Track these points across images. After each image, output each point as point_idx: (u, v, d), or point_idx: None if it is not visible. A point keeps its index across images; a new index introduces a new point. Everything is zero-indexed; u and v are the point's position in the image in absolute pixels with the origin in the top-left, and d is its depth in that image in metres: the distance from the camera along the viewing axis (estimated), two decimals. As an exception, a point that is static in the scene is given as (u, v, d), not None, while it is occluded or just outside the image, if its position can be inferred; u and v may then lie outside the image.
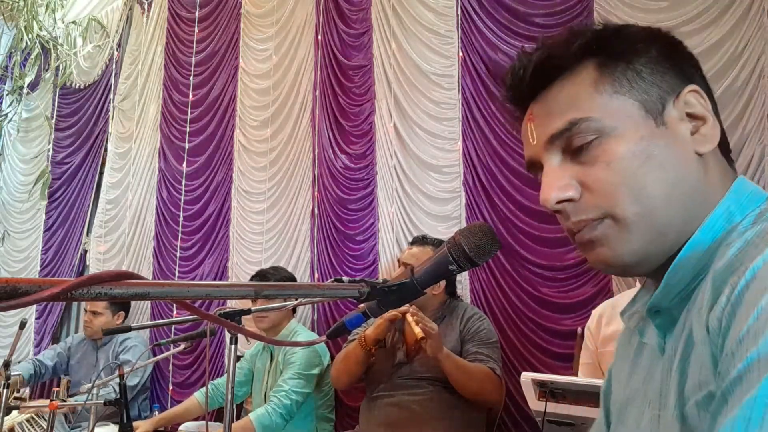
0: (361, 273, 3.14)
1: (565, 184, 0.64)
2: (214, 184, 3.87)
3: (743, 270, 0.52)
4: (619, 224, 0.62)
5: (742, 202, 0.62)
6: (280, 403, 2.52)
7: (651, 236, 0.62)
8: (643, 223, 0.62)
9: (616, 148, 0.62)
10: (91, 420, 2.13)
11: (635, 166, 0.62)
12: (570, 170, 0.65)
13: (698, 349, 0.55)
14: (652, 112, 0.64)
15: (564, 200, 0.64)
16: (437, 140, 3.03)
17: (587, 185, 0.64)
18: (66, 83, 4.83)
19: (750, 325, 0.48)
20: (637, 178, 0.62)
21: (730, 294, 0.52)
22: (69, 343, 3.62)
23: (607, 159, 0.62)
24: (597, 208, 0.63)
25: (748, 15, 2.29)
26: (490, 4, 2.93)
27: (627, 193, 0.62)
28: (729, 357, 0.50)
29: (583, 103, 0.64)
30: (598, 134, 0.63)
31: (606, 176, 0.62)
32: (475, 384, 2.17)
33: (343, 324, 0.76)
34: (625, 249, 0.63)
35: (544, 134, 0.66)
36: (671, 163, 0.62)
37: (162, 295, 0.52)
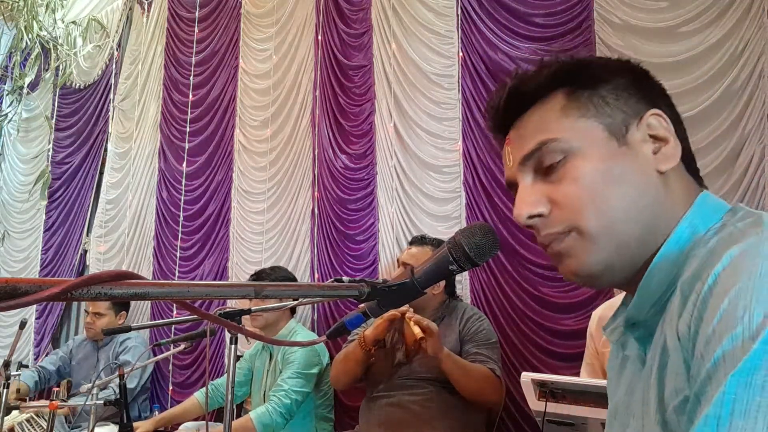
0: (361, 273, 3.14)
1: (536, 200, 0.69)
2: (214, 184, 3.87)
3: (706, 276, 0.55)
4: (583, 236, 0.67)
5: (706, 215, 0.66)
6: (280, 402, 2.52)
7: (613, 247, 0.66)
8: (605, 235, 0.66)
9: (582, 166, 0.67)
10: (91, 420, 2.13)
11: (599, 183, 0.66)
12: (541, 188, 0.69)
13: (672, 357, 0.58)
14: (615, 134, 0.68)
15: (534, 215, 0.69)
16: (437, 140, 3.03)
17: (556, 201, 0.68)
18: (66, 83, 4.83)
19: (715, 326, 0.52)
20: (601, 194, 0.66)
21: (696, 300, 0.55)
22: (70, 345, 3.63)
23: (574, 176, 0.67)
24: (564, 221, 0.67)
25: (748, 15, 2.29)
26: (490, 4, 2.93)
27: (591, 208, 0.66)
28: (699, 359, 0.53)
29: (551, 125, 0.69)
30: (564, 153, 0.68)
31: (572, 192, 0.67)
32: (474, 384, 2.17)
33: (343, 324, 0.76)
34: (590, 259, 0.67)
35: (518, 156, 0.71)
36: (632, 179, 0.67)
37: (162, 295, 0.52)
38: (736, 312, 0.50)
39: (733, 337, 0.50)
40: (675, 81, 2.37)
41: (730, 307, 0.51)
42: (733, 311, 0.51)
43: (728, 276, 0.53)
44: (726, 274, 0.53)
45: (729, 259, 0.54)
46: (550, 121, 0.70)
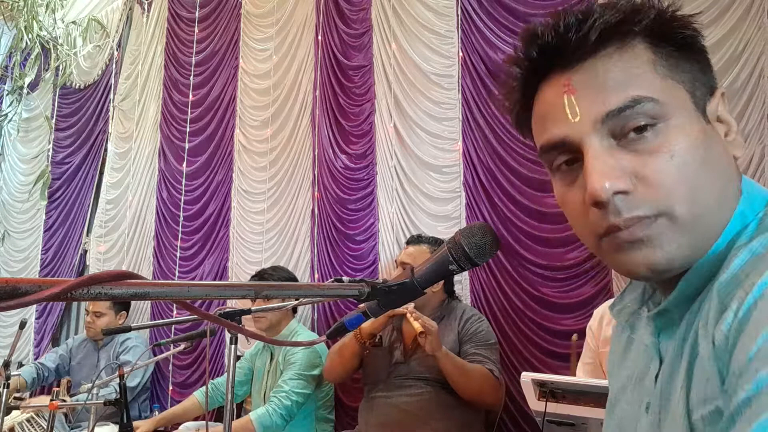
0: (361, 273, 3.14)
1: (621, 173, 0.56)
2: (214, 184, 3.87)
3: (750, 285, 0.49)
4: (675, 224, 0.56)
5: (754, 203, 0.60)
6: (281, 403, 2.52)
7: (701, 239, 0.57)
8: (698, 224, 0.57)
9: (680, 139, 0.56)
10: (91, 420, 2.13)
11: (696, 163, 0.56)
12: (622, 157, 0.57)
13: (704, 362, 0.54)
14: (699, 106, 0.59)
15: (620, 191, 0.56)
16: (437, 140, 3.03)
17: (644, 177, 0.56)
18: (66, 83, 4.83)
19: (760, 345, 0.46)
20: (698, 176, 0.56)
21: (737, 309, 0.50)
22: (70, 344, 3.62)
23: (670, 150, 0.56)
24: (654, 202, 0.56)
25: (748, 15, 2.29)
26: (490, 4, 2.93)
27: (687, 191, 0.56)
28: (737, 376, 0.48)
29: (643, 80, 0.57)
30: (659, 120, 0.56)
31: (667, 169, 0.56)
32: (473, 384, 2.17)
33: (343, 324, 0.76)
34: (678, 252, 0.57)
35: (596, 111, 0.57)
36: (722, 164, 0.59)
37: (162, 295, 0.52)
38: None
39: None
40: (675, 81, 2.37)
41: None
42: None
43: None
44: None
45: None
46: (641, 73, 0.57)
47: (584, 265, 2.54)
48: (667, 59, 0.59)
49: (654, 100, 0.56)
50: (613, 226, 0.57)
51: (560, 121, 0.60)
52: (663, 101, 0.57)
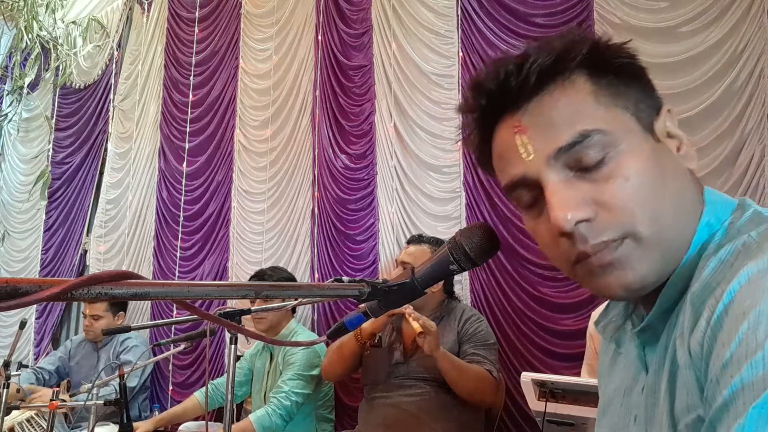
0: (362, 273, 3.14)
1: (581, 202, 0.58)
2: (214, 184, 3.87)
3: (720, 292, 0.51)
4: (640, 244, 0.58)
5: (718, 212, 0.62)
6: (280, 404, 2.52)
7: (668, 254, 0.59)
8: (662, 241, 0.59)
9: (632, 162, 0.59)
10: (91, 420, 2.13)
11: (652, 182, 0.59)
12: (582, 188, 0.59)
13: (683, 372, 0.55)
14: (646, 126, 0.61)
15: (582, 220, 0.58)
16: (437, 140, 3.03)
17: (604, 203, 0.58)
18: (66, 83, 4.84)
19: (733, 351, 0.48)
20: (653, 195, 0.59)
21: (709, 317, 0.52)
22: (69, 346, 3.61)
23: (624, 174, 0.58)
24: (617, 226, 0.58)
25: (748, 15, 2.29)
26: (490, 4, 2.93)
27: (646, 210, 0.58)
28: (714, 383, 0.50)
29: (587, 114, 0.60)
30: (610, 147, 0.59)
31: (624, 193, 0.58)
32: (471, 384, 2.17)
33: (343, 324, 0.76)
34: (648, 270, 0.59)
35: (548, 147, 0.60)
36: (677, 178, 0.61)
37: (162, 295, 0.52)
38: (756, 337, 0.47)
39: (753, 365, 0.46)
40: (675, 81, 2.38)
41: (749, 331, 0.47)
42: (753, 336, 0.47)
43: (746, 296, 0.49)
44: (744, 294, 0.49)
45: (747, 277, 0.50)
46: (584, 107, 0.60)
47: (584, 265, 2.54)
48: (608, 88, 0.61)
49: (601, 131, 0.59)
50: (582, 254, 0.59)
51: (516, 160, 0.62)
52: (609, 130, 0.59)
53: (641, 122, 0.61)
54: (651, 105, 0.63)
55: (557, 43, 0.62)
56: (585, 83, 0.61)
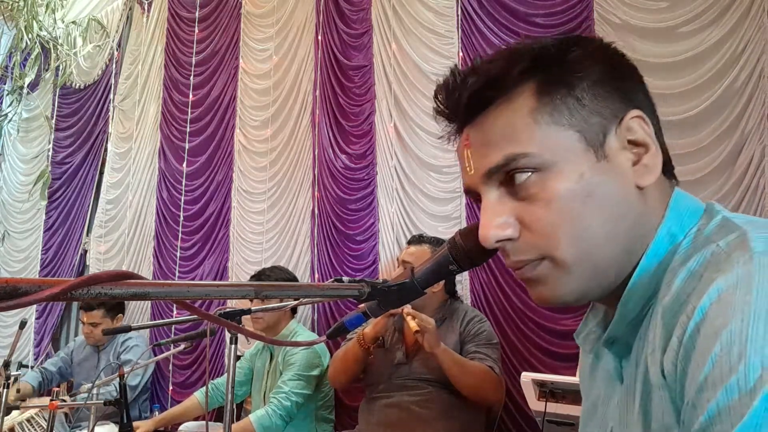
0: (362, 273, 3.14)
1: (503, 222, 0.61)
2: (214, 184, 3.87)
3: (691, 309, 0.51)
4: (557, 266, 0.60)
5: (683, 220, 0.61)
6: (280, 404, 2.52)
7: (590, 275, 0.60)
8: (582, 264, 0.60)
9: (556, 186, 0.59)
10: (91, 420, 2.13)
11: (575, 207, 0.59)
12: (508, 206, 0.61)
13: (657, 392, 0.55)
14: (592, 144, 0.60)
15: (503, 239, 0.61)
16: (437, 140, 3.01)
17: (526, 224, 0.61)
18: (66, 83, 4.84)
19: (707, 374, 0.47)
20: (577, 219, 0.59)
21: (681, 336, 0.51)
22: (71, 347, 3.62)
23: (547, 198, 0.59)
24: (535, 248, 0.60)
25: (748, 15, 2.29)
26: (490, 4, 2.93)
27: (567, 235, 0.59)
28: (690, 408, 0.49)
29: (520, 135, 0.60)
30: (536, 169, 0.59)
31: (545, 216, 0.59)
32: (473, 381, 2.17)
33: (343, 324, 0.76)
34: (565, 290, 0.61)
35: (482, 167, 0.62)
36: (612, 200, 0.60)
37: (162, 295, 0.52)
38: (729, 359, 0.46)
39: (728, 389, 0.45)
40: (675, 81, 2.37)
41: (723, 352, 0.47)
42: (726, 358, 0.46)
43: (717, 313, 0.48)
44: (715, 311, 0.49)
45: (717, 293, 0.49)
46: (518, 127, 0.60)
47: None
48: (551, 104, 0.60)
49: (528, 155, 0.59)
50: (509, 266, 0.64)
51: (464, 172, 0.65)
52: (537, 153, 0.59)
53: (587, 138, 0.60)
54: (609, 115, 0.61)
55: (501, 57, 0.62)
56: (528, 99, 0.61)
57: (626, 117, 0.61)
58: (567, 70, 0.61)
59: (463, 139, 0.65)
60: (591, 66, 0.61)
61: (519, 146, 0.60)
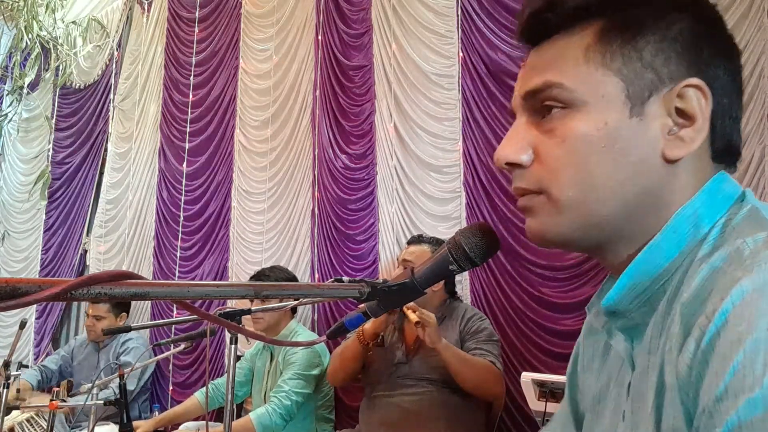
0: (362, 273, 3.14)
1: (520, 147, 0.62)
2: (215, 184, 3.87)
3: (711, 311, 0.48)
4: (552, 203, 0.60)
5: (714, 201, 0.57)
6: (281, 403, 2.52)
7: (581, 224, 0.60)
8: (576, 209, 0.59)
9: (576, 125, 0.58)
10: (91, 420, 2.13)
11: (588, 151, 0.58)
12: (531, 134, 0.62)
13: (669, 394, 0.52)
14: (632, 99, 0.58)
15: (513, 163, 0.62)
16: (437, 140, 3.03)
17: (539, 155, 0.61)
18: (66, 83, 4.84)
19: (727, 383, 0.44)
20: (584, 164, 0.58)
21: (699, 338, 0.48)
22: (72, 345, 3.63)
23: (564, 135, 0.59)
24: (538, 181, 0.61)
25: (748, 15, 2.29)
26: (490, 4, 2.93)
27: (569, 176, 0.59)
28: (707, 416, 0.46)
29: (564, 65, 0.59)
30: (566, 104, 0.59)
31: (556, 152, 0.59)
32: (474, 375, 2.17)
33: (343, 324, 0.76)
34: (552, 229, 0.61)
35: (523, 87, 0.63)
36: (629, 158, 0.58)
37: (162, 295, 0.52)
38: (753, 370, 0.43)
39: (752, 403, 0.42)
40: (675, 81, 2.37)
41: (746, 362, 0.44)
42: (750, 368, 0.43)
43: (740, 319, 0.45)
44: (737, 316, 0.46)
45: (741, 296, 0.46)
46: (566, 58, 0.59)
47: (584, 265, 2.54)
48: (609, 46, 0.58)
49: (562, 86, 0.59)
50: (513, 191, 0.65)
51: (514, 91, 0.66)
52: (573, 88, 0.59)
53: (630, 92, 0.58)
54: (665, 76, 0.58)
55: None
56: (589, 36, 0.59)
57: (680, 83, 0.58)
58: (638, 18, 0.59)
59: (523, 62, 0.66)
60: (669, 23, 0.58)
61: (558, 76, 0.59)
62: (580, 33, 0.60)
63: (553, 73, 0.60)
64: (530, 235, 0.64)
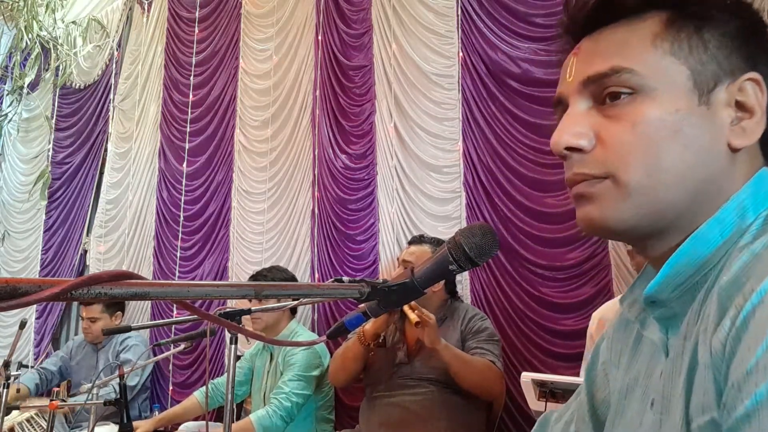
0: (362, 273, 3.14)
1: (581, 132, 0.61)
2: (215, 184, 3.87)
3: (749, 291, 0.49)
4: (619, 187, 0.59)
5: (760, 197, 0.58)
6: (281, 405, 2.52)
7: (647, 210, 0.59)
8: (644, 194, 0.58)
9: (648, 111, 0.58)
10: (91, 420, 2.13)
11: (660, 136, 0.58)
12: (592, 119, 0.61)
13: (702, 371, 0.53)
14: (699, 87, 0.59)
15: (573, 147, 0.61)
16: (437, 140, 3.03)
17: (603, 140, 0.60)
18: (66, 83, 4.84)
19: (759, 357, 0.45)
20: (656, 149, 0.58)
21: (735, 317, 0.49)
22: (70, 346, 3.62)
23: (635, 119, 0.58)
24: (603, 165, 0.59)
25: (749, 15, 2.29)
26: (490, 4, 2.93)
27: (640, 159, 0.58)
28: (735, 390, 0.47)
29: (633, 52, 0.60)
30: (635, 90, 0.59)
31: (626, 136, 0.59)
32: (475, 375, 2.17)
33: (343, 324, 0.76)
34: (615, 214, 0.60)
35: (583, 73, 0.62)
36: (697, 145, 0.58)
37: (162, 295, 0.52)
38: None
39: None
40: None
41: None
42: None
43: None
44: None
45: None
46: (635, 46, 0.60)
47: (584, 265, 2.54)
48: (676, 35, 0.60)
49: (632, 72, 0.59)
50: (569, 179, 0.62)
51: (562, 80, 0.65)
52: (644, 74, 0.59)
53: (697, 81, 0.59)
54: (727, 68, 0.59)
55: None
56: (655, 24, 0.60)
57: (743, 76, 0.59)
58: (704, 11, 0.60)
59: (574, 50, 0.65)
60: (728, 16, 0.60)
61: (628, 61, 0.59)
62: (645, 22, 0.61)
63: (620, 57, 0.60)
64: (586, 223, 0.62)
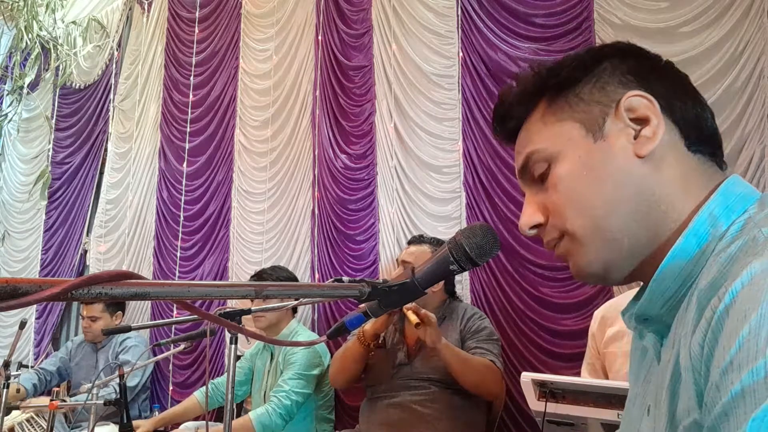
0: (362, 273, 3.14)
1: (532, 212, 0.71)
2: (215, 184, 3.87)
3: (723, 291, 0.51)
4: (574, 239, 0.68)
5: (730, 205, 0.61)
6: (281, 403, 2.52)
7: (602, 245, 0.66)
8: (592, 234, 0.66)
9: (559, 170, 0.68)
10: (91, 420, 2.13)
11: (576, 184, 0.67)
12: (538, 198, 0.71)
13: (684, 374, 0.55)
14: (591, 129, 0.67)
15: (534, 226, 0.71)
16: (437, 140, 3.03)
17: (549, 209, 0.70)
18: (66, 83, 4.83)
19: (733, 356, 0.47)
20: (578, 195, 0.67)
21: (710, 318, 0.51)
22: (69, 346, 3.61)
23: (555, 182, 0.68)
24: (555, 228, 0.69)
25: (748, 15, 2.29)
26: (490, 5, 2.93)
27: (573, 210, 0.67)
28: (714, 389, 0.48)
29: (534, 137, 0.71)
30: (548, 161, 0.69)
31: (556, 198, 0.68)
32: (475, 374, 2.17)
33: (344, 324, 0.76)
34: (584, 260, 0.68)
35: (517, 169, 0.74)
36: (607, 172, 0.66)
37: (162, 295, 0.52)
38: (757, 343, 0.45)
39: (755, 372, 0.45)
40: (675, 81, 2.37)
41: (751, 336, 0.46)
42: (754, 341, 0.46)
43: (748, 297, 0.48)
44: (745, 295, 0.48)
45: (749, 277, 0.49)
46: (533, 132, 0.72)
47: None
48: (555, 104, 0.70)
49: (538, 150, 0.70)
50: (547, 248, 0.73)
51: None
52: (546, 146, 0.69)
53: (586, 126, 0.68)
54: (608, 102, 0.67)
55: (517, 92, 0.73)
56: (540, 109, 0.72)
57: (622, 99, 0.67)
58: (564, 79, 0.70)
59: None
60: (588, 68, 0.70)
61: (532, 145, 0.71)
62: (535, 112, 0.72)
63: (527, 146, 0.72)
64: (576, 276, 0.71)
